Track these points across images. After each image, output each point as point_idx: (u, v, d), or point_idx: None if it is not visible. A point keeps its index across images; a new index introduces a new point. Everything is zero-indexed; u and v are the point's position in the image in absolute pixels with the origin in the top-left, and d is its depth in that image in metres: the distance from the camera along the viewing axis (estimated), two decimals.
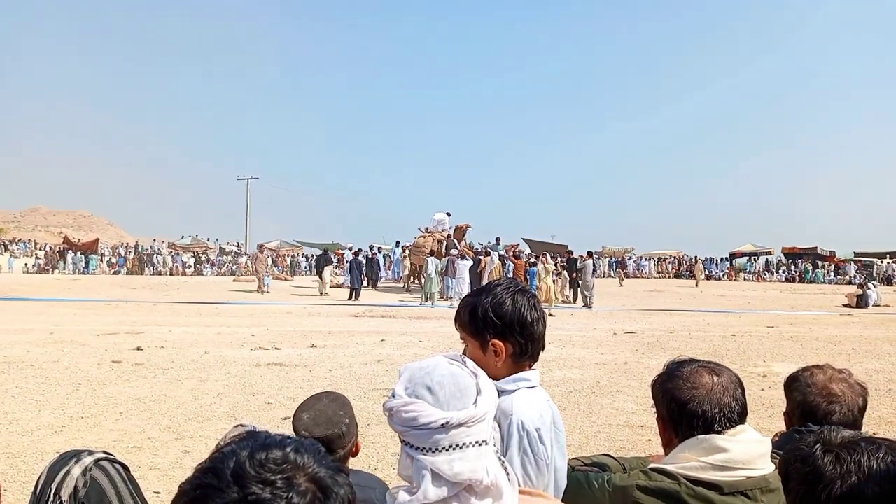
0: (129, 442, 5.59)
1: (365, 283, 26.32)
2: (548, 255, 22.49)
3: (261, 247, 31.00)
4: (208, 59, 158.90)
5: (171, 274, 41.63)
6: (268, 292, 25.26)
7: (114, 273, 40.61)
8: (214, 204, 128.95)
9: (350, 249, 27.65)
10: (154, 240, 53.15)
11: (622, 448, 5.58)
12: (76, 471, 1.37)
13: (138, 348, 10.29)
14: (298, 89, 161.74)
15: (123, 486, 1.39)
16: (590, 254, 23.90)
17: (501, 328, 1.67)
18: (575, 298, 23.50)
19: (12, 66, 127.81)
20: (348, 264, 25.66)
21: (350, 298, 22.93)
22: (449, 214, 29.03)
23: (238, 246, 55.38)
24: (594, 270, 23.20)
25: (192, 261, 45.14)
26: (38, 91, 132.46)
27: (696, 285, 38.27)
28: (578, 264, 22.99)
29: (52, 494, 1.36)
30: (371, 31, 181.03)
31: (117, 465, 1.46)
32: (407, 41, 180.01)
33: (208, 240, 53.60)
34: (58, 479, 1.37)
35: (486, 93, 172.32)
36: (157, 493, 4.36)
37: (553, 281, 21.85)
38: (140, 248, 48.01)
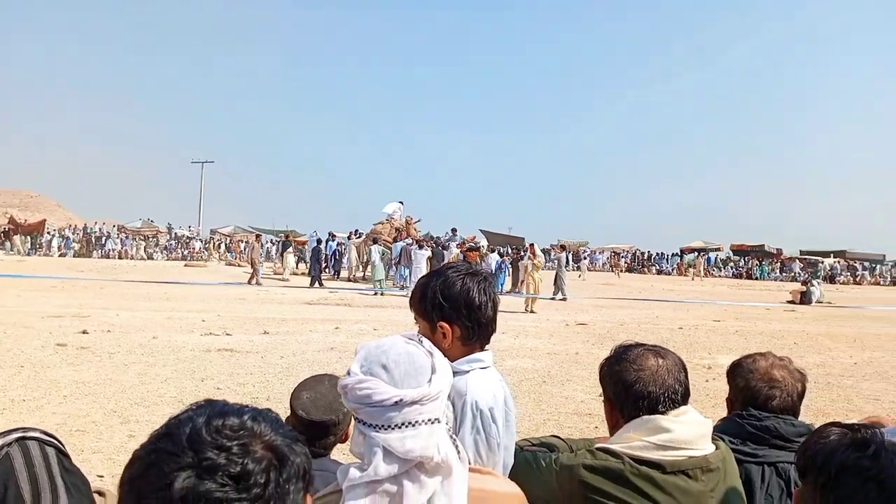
0: (73, 426, 5.46)
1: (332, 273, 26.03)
2: (536, 247, 20.86)
3: (258, 236, 29.18)
4: (163, 40, 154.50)
5: (120, 258, 40.59)
6: (260, 284, 22.89)
7: (61, 255, 39.37)
8: (167, 187, 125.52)
9: (328, 237, 27.14)
10: (104, 223, 51.57)
11: (570, 435, 5.66)
12: None
13: (84, 332, 10.03)
14: (255, 72, 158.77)
15: (43, 470, 1.30)
16: (562, 247, 24.52)
17: (448, 310, 1.68)
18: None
19: None
20: (309, 252, 25.16)
21: (311, 286, 22.72)
22: (402, 203, 28.97)
23: (192, 230, 54.20)
24: (567, 263, 23.80)
25: (142, 244, 44.10)
26: None
27: (693, 278, 39.98)
28: (552, 256, 23.26)
29: None
30: (331, 9, 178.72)
31: (49, 448, 1.37)
32: (370, 26, 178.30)
33: (168, 225, 52.33)
34: None
35: (441, 82, 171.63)
36: (101, 476, 4.28)
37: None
38: (89, 231, 46.63)
